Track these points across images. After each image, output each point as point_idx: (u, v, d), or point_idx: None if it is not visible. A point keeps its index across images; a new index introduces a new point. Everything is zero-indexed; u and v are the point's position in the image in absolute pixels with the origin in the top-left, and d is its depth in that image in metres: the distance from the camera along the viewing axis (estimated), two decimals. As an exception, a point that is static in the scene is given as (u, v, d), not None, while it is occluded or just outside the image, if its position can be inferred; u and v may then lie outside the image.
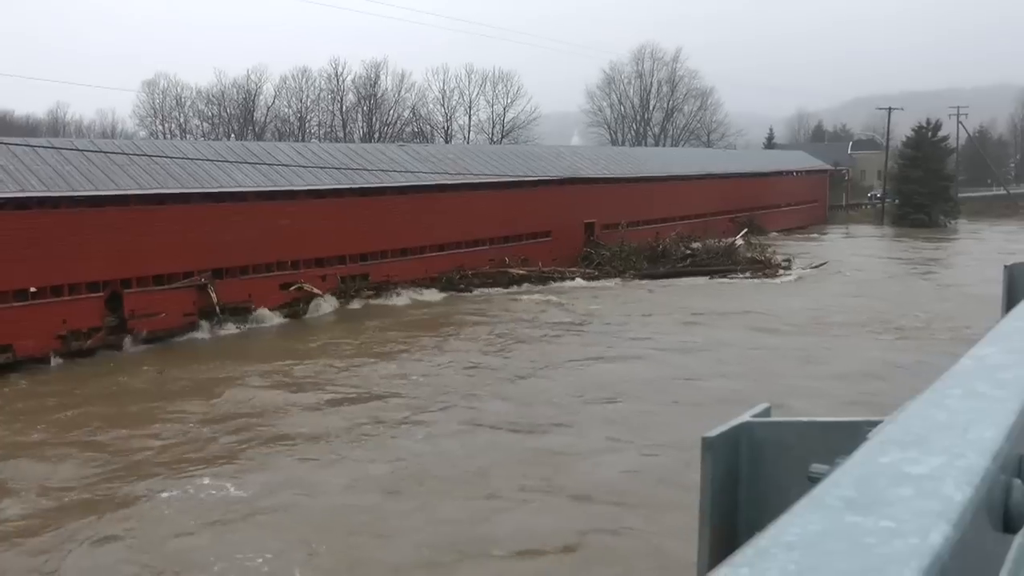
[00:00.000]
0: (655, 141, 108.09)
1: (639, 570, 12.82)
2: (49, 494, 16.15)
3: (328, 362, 26.77)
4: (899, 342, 28.75)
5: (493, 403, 21.84)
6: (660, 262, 46.65)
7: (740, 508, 1.74)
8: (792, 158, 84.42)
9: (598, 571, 12.87)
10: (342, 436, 19.31)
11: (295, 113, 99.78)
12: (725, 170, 66.20)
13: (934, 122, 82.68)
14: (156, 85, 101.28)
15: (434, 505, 15.21)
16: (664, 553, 12.83)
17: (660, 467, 16.51)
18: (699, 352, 27.18)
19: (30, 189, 28.34)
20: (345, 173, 37.73)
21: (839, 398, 20.76)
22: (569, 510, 14.95)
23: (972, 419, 1.29)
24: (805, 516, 0.98)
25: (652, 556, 13.01)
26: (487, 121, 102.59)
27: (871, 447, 1.20)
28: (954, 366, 1.63)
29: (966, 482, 1.06)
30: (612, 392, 22.40)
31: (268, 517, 14.87)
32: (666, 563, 12.52)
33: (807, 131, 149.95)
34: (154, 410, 21.62)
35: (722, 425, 1.72)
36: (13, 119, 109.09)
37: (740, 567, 0.86)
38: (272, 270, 34.48)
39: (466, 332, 31.28)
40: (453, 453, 18.02)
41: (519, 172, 46.22)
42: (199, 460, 17.92)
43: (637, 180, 53.96)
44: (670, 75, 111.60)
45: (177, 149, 35.37)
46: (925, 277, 46.56)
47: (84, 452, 18.62)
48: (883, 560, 0.86)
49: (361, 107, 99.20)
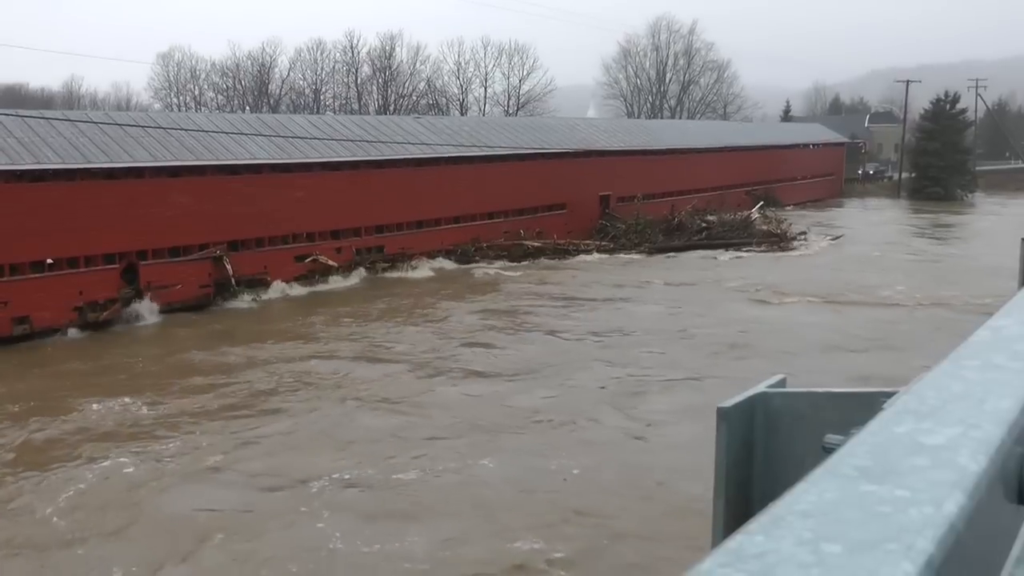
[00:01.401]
0: (671, 114, 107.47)
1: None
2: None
3: (346, 332, 26.92)
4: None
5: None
6: (675, 235, 46.50)
7: (755, 478, 1.74)
8: (808, 131, 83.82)
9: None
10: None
11: (310, 86, 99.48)
12: (741, 143, 65.81)
13: (952, 94, 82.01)
14: (171, 58, 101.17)
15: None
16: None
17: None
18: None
19: (46, 161, 28.42)
20: (360, 145, 37.70)
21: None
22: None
23: (988, 390, 1.29)
24: (820, 485, 0.98)
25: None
26: (502, 93, 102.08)
27: (886, 417, 1.20)
28: (971, 337, 1.63)
29: (982, 453, 1.06)
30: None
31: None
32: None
33: (824, 104, 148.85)
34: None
35: (737, 395, 1.72)
36: (28, 92, 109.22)
37: (755, 534, 0.86)
38: (287, 242, 34.54)
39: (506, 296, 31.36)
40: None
41: (534, 144, 46.09)
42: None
43: (653, 153, 53.70)
44: (686, 47, 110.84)
45: (192, 122, 35.40)
46: (944, 250, 46.37)
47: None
48: (898, 529, 0.87)
49: (376, 79, 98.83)
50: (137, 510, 14.38)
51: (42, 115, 31.60)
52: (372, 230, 37.55)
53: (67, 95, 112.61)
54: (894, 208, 72.84)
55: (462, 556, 12.71)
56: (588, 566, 12.47)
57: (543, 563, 12.52)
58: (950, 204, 73.79)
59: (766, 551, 0.83)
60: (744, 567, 0.80)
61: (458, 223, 40.88)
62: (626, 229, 46.24)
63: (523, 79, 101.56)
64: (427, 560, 12.52)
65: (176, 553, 12.92)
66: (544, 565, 12.49)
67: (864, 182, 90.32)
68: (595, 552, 12.76)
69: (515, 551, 12.79)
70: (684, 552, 11.28)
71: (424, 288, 34.51)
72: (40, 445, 17.51)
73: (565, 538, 13.13)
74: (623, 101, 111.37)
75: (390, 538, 13.17)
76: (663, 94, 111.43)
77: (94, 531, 13.61)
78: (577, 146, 48.50)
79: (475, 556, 12.71)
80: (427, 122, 45.69)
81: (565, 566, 12.42)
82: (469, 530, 13.48)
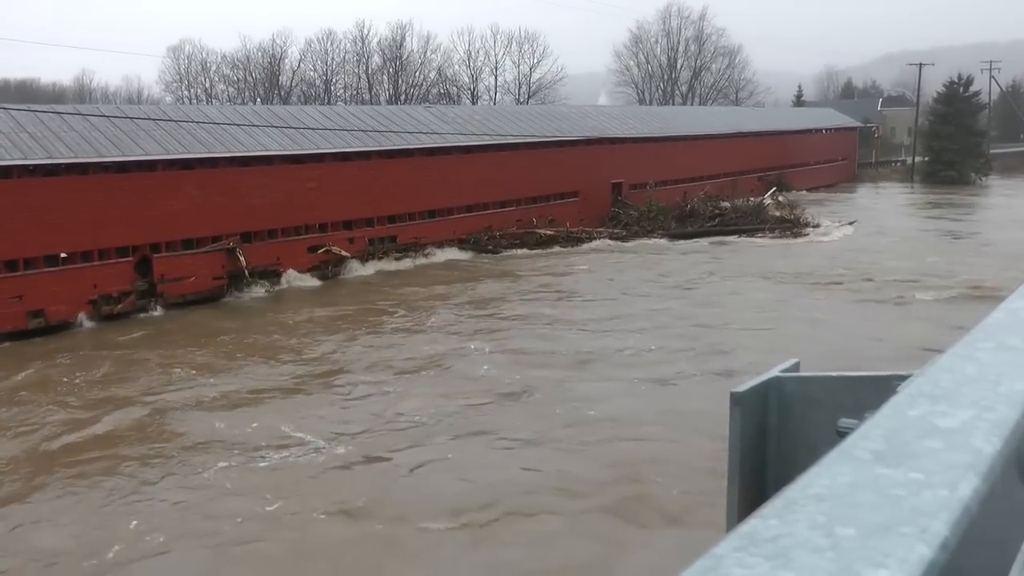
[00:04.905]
0: (683, 100, 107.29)
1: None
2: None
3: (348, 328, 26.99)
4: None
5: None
6: (688, 222, 46.44)
7: (769, 463, 1.74)
8: (821, 116, 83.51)
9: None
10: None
11: (321, 76, 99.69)
12: (753, 128, 65.60)
13: (966, 77, 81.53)
14: (181, 51, 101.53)
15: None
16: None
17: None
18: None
19: (58, 156, 28.53)
20: (372, 135, 37.73)
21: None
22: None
23: (1003, 372, 1.28)
24: (834, 468, 0.98)
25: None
26: (513, 82, 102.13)
27: (900, 400, 1.19)
28: (985, 319, 1.62)
29: (996, 435, 1.05)
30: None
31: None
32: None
33: (836, 88, 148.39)
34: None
35: (751, 380, 1.71)
36: (40, 86, 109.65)
37: (769, 518, 0.86)
38: (300, 233, 34.61)
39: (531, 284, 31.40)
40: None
41: (546, 132, 46.03)
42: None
43: (665, 139, 53.57)
44: (697, 33, 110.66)
45: (203, 114, 35.45)
46: (959, 234, 46.21)
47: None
48: (912, 511, 0.86)
49: (387, 69, 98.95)
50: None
51: (54, 109, 31.73)
52: (384, 220, 37.57)
53: (78, 89, 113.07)
54: (910, 192, 72.57)
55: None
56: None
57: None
58: (964, 188, 73.41)
59: (780, 535, 0.83)
60: (758, 551, 0.80)
61: (470, 212, 40.89)
62: (639, 216, 46.18)
63: (534, 67, 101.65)
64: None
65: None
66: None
67: (876, 166, 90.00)
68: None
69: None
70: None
71: (442, 275, 34.52)
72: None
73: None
74: (634, 88, 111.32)
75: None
76: (674, 80, 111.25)
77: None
78: (589, 134, 48.42)
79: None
80: (438, 111, 45.66)
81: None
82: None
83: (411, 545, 12.84)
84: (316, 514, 13.79)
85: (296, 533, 13.21)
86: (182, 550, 12.82)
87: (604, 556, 12.44)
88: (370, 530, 13.26)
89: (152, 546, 12.90)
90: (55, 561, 12.64)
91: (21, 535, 13.47)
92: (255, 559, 12.65)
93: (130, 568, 12.36)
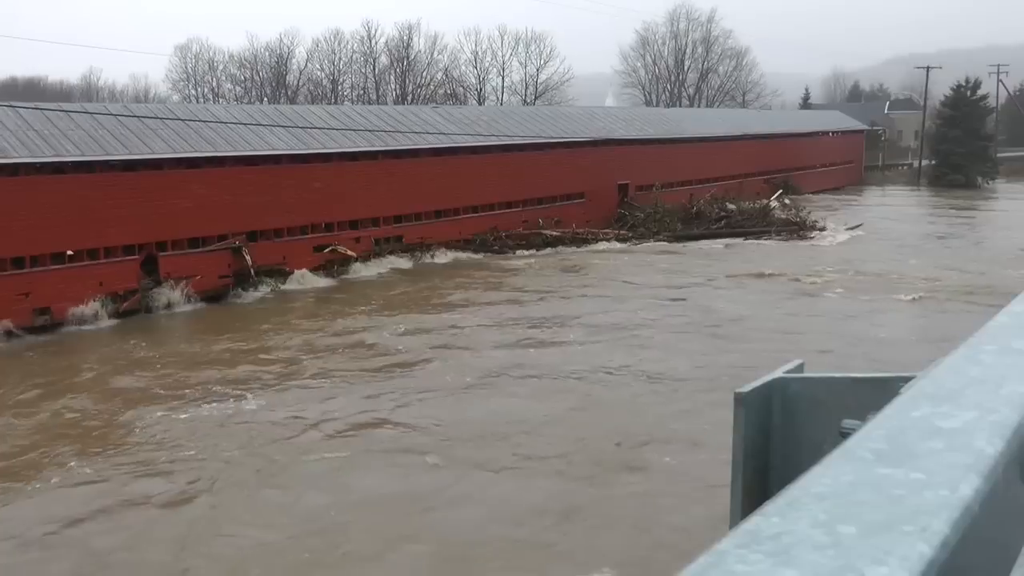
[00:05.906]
0: (690, 102, 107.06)
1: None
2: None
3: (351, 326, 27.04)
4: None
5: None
6: (694, 224, 46.39)
7: (772, 463, 1.74)
8: (828, 118, 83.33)
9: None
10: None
11: (328, 76, 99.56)
12: (760, 131, 65.50)
13: (973, 80, 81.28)
14: (188, 50, 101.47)
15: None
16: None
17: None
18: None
19: (65, 154, 28.58)
20: (378, 135, 37.74)
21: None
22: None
23: (1006, 375, 1.29)
24: (836, 467, 0.99)
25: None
26: (520, 83, 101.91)
27: (903, 401, 1.20)
28: (989, 322, 1.63)
29: (998, 436, 1.06)
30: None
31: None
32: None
33: (843, 91, 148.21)
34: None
35: (755, 380, 1.72)
36: (47, 85, 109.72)
37: (772, 516, 0.87)
38: (306, 232, 34.62)
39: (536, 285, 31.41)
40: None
41: (553, 133, 46.00)
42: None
43: (671, 141, 53.49)
44: (705, 35, 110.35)
45: (210, 113, 35.48)
46: (963, 237, 46.15)
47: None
48: (913, 511, 0.87)
49: (394, 69, 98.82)
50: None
51: (61, 108, 31.77)
52: (391, 220, 37.58)
53: (86, 88, 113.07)
54: (917, 195, 72.41)
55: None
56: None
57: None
58: (971, 192, 73.18)
59: (782, 532, 0.84)
60: (760, 548, 0.81)
61: (476, 212, 40.87)
62: (645, 218, 46.14)
63: (540, 68, 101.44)
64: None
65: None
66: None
67: (883, 170, 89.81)
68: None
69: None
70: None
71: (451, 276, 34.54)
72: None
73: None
74: (641, 90, 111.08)
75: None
76: (681, 82, 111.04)
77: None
78: (595, 135, 48.38)
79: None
80: (445, 112, 45.67)
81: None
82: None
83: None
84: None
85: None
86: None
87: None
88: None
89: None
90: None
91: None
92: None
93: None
